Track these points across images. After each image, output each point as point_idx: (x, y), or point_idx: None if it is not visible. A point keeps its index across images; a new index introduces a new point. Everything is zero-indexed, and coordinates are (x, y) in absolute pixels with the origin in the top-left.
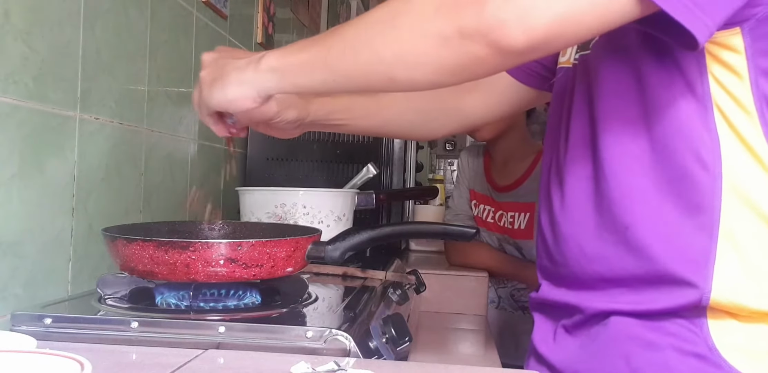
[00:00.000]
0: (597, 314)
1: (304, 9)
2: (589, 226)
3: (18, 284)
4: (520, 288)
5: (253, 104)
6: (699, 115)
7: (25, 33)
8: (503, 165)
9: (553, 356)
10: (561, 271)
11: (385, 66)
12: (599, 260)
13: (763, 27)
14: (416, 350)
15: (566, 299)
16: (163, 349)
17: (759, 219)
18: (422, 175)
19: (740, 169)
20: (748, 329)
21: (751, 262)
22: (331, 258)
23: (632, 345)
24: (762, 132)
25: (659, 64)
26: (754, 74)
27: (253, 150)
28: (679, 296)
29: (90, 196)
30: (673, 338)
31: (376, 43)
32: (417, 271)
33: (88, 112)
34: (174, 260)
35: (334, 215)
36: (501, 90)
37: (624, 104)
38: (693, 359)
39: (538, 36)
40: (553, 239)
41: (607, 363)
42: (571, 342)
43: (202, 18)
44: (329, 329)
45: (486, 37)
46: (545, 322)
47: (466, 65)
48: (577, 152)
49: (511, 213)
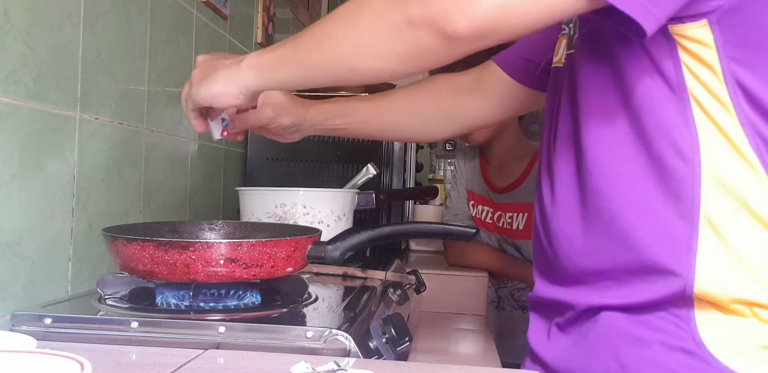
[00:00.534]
0: (588, 309)
1: (303, 9)
2: (576, 220)
3: (18, 284)
4: (521, 288)
5: (235, 100)
6: (676, 108)
7: (25, 33)
8: (500, 167)
9: (546, 354)
10: (554, 267)
11: (345, 57)
12: (587, 253)
13: (730, 18)
14: (416, 350)
15: (559, 296)
16: (163, 349)
17: (740, 207)
18: (422, 175)
19: (719, 159)
20: (735, 324)
21: (734, 250)
22: (331, 258)
23: (621, 341)
24: (738, 123)
25: (634, 58)
26: (727, 66)
27: (253, 150)
28: (664, 286)
29: (90, 196)
30: (660, 333)
31: (337, 36)
32: (417, 271)
33: (88, 112)
34: (174, 260)
35: (334, 215)
36: (501, 92)
37: (604, 98)
38: (680, 354)
39: (481, 24)
40: (545, 236)
41: (598, 360)
42: (563, 340)
43: (202, 18)
44: (329, 329)
45: (432, 26)
46: (540, 320)
47: (418, 53)
48: (563, 149)
49: (509, 214)
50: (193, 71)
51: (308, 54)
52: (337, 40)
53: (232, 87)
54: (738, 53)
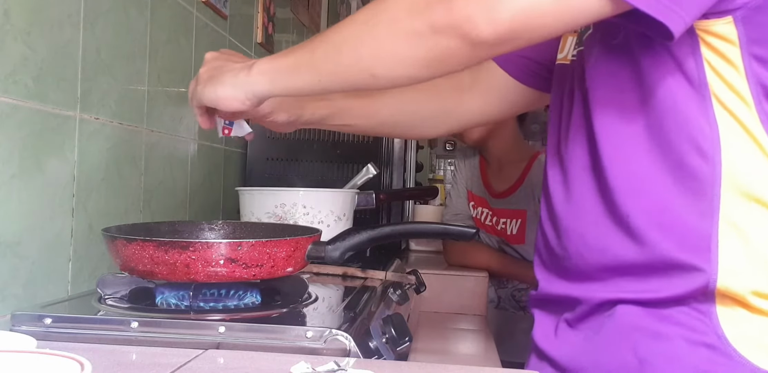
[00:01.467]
0: (602, 303)
1: (304, 9)
2: (591, 216)
3: (18, 284)
4: (521, 288)
5: (240, 106)
6: (697, 104)
7: (25, 33)
8: (498, 169)
9: (554, 351)
10: (563, 264)
11: (365, 63)
12: (602, 250)
13: (756, 16)
14: (416, 350)
15: (568, 292)
16: (163, 349)
17: (760, 206)
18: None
19: (740, 156)
20: (757, 320)
21: (755, 246)
22: (331, 258)
23: (639, 336)
24: (760, 120)
25: (654, 54)
26: (748, 64)
27: (253, 150)
28: (688, 282)
29: (90, 196)
30: (681, 328)
31: (356, 42)
32: (417, 271)
33: (88, 112)
34: (174, 260)
35: (334, 215)
36: (499, 89)
37: (620, 95)
38: (703, 348)
39: (504, 29)
40: (554, 233)
41: (614, 355)
42: (573, 336)
43: (202, 18)
44: (329, 329)
45: (456, 31)
46: (546, 317)
47: (440, 59)
48: (576, 146)
49: (503, 219)
50: (202, 68)
51: (325, 60)
52: (355, 47)
53: (239, 92)
54: (761, 51)
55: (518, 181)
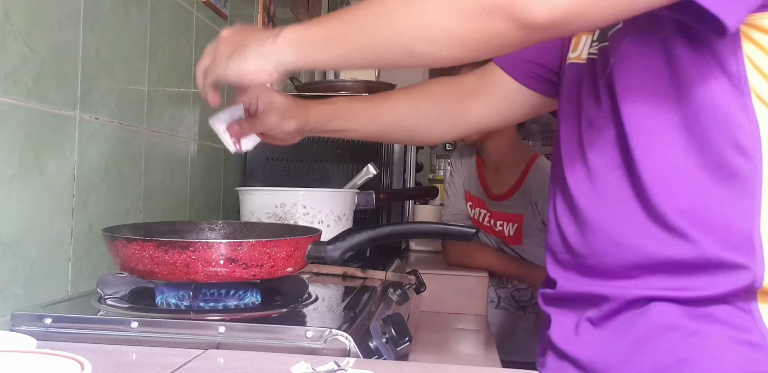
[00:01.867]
0: (633, 301)
1: (304, 9)
2: (622, 214)
3: (18, 284)
4: (521, 288)
5: (269, 78)
6: (735, 99)
7: (25, 33)
8: (496, 171)
9: (576, 350)
10: (585, 262)
11: (403, 40)
12: (634, 248)
13: None
14: (416, 350)
15: (592, 289)
16: (163, 349)
17: None
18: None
19: None
20: None
21: None
22: (331, 258)
23: (677, 334)
24: None
25: (692, 49)
26: None
27: (253, 150)
28: (733, 280)
29: (90, 196)
30: (724, 326)
31: (398, 17)
32: (417, 271)
33: (88, 112)
34: (174, 260)
35: (334, 215)
36: (506, 95)
37: (653, 92)
38: (747, 347)
39: (561, 13)
40: (577, 231)
41: (647, 354)
42: (597, 335)
43: (202, 18)
44: (329, 329)
45: (508, 12)
46: (564, 316)
47: (487, 40)
48: (604, 144)
49: (500, 222)
50: (218, 46)
51: (360, 34)
52: (394, 21)
53: (267, 63)
54: None
55: (515, 186)
